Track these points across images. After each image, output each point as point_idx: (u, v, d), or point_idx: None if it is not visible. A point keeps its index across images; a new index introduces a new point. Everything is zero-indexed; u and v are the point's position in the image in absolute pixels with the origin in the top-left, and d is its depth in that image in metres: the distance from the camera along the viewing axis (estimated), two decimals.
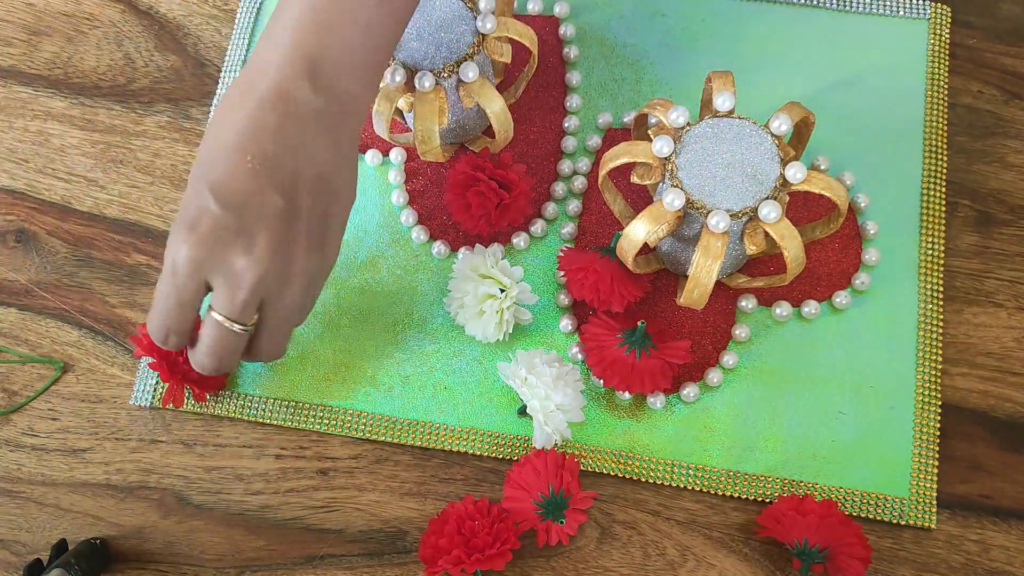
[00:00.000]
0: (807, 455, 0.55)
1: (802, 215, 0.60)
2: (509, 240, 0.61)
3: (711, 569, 0.54)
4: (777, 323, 0.58)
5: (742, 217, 0.49)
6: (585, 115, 0.64)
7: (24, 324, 0.61)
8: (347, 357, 0.59)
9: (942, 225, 0.60)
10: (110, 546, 0.56)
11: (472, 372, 0.58)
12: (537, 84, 0.64)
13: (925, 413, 0.56)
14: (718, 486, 0.55)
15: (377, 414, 0.58)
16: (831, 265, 0.59)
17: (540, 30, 0.65)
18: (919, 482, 0.55)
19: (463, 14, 0.55)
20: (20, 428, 0.59)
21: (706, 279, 0.49)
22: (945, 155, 0.61)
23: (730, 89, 0.51)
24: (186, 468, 0.58)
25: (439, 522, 0.52)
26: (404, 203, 0.62)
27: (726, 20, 0.66)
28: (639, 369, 0.53)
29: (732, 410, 0.57)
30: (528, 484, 0.52)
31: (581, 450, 0.56)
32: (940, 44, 0.64)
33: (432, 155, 0.56)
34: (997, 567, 0.54)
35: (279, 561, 0.55)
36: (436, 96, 0.54)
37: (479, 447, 0.56)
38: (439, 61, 0.54)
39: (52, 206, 0.64)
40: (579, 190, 0.62)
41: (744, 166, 0.50)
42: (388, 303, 0.60)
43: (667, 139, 0.50)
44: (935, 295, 0.58)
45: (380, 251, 0.61)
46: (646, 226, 0.50)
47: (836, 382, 0.57)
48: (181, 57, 0.68)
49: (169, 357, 0.54)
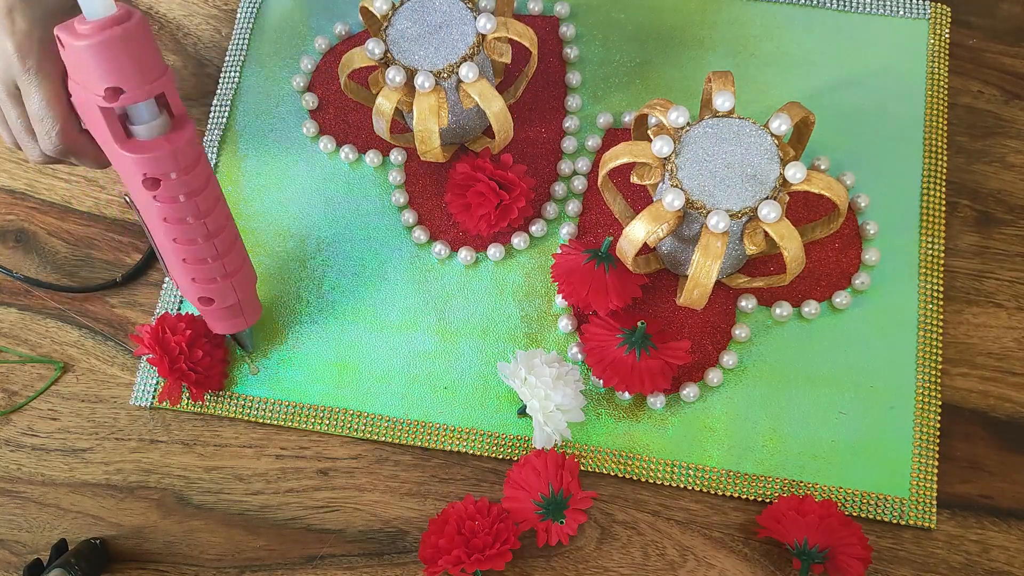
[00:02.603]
0: (807, 455, 0.55)
1: (802, 215, 0.60)
2: (509, 240, 0.61)
3: (711, 569, 0.54)
4: (777, 323, 0.58)
5: (742, 217, 0.49)
6: (585, 115, 0.64)
7: (24, 324, 0.61)
8: (346, 357, 0.59)
9: (942, 225, 0.60)
10: (110, 546, 0.56)
11: (472, 372, 0.58)
12: (537, 84, 0.64)
13: (925, 413, 0.56)
14: (718, 486, 0.55)
15: (377, 414, 0.58)
16: (831, 265, 0.59)
17: (540, 30, 0.65)
18: (919, 482, 0.55)
19: (463, 14, 0.55)
20: (20, 428, 0.59)
21: (706, 279, 0.49)
22: (945, 155, 0.61)
23: (730, 89, 0.51)
24: (186, 468, 0.58)
25: (439, 522, 0.52)
26: (404, 203, 0.62)
27: (727, 19, 0.66)
28: (639, 369, 0.53)
29: (732, 410, 0.57)
30: (528, 484, 0.52)
31: (581, 450, 0.56)
32: (940, 44, 0.64)
33: (432, 155, 0.56)
34: (997, 567, 0.54)
35: (279, 561, 0.55)
36: (436, 96, 0.54)
37: (479, 447, 0.56)
38: (439, 61, 0.54)
39: (52, 206, 0.64)
40: (579, 190, 0.62)
41: (744, 166, 0.50)
42: (388, 303, 0.60)
43: (667, 139, 0.50)
44: (935, 295, 0.58)
45: (380, 251, 0.61)
46: (646, 226, 0.50)
47: (836, 382, 0.57)
48: (181, 57, 0.68)
49: (171, 354, 0.54)
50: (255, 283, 0.56)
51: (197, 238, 0.50)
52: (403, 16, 0.55)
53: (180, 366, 0.55)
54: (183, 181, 0.48)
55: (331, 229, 0.62)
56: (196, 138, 0.48)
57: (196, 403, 0.58)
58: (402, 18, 0.55)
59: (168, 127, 0.47)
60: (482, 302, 0.60)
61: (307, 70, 0.66)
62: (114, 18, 0.43)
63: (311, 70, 0.66)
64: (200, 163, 0.49)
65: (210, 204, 0.50)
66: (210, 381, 0.57)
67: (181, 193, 0.48)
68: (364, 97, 0.61)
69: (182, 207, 0.48)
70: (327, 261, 0.61)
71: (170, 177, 0.47)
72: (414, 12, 0.55)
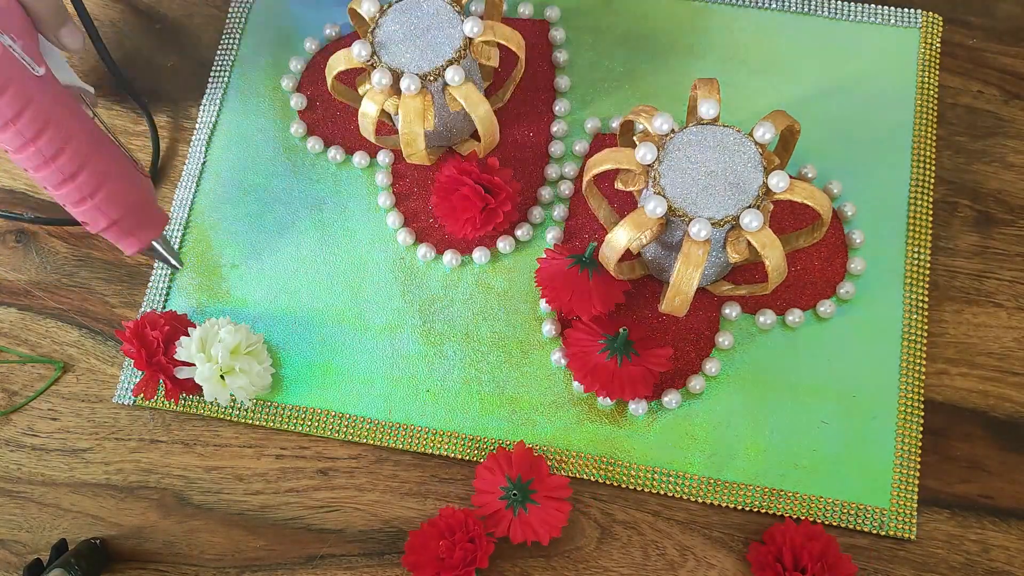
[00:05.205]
0: (788, 464, 0.55)
1: (788, 223, 0.60)
2: (495, 244, 0.60)
3: (711, 569, 0.54)
4: (761, 331, 0.58)
5: (724, 225, 0.49)
6: (573, 120, 0.64)
7: (24, 324, 0.61)
8: (329, 359, 0.59)
9: (928, 236, 0.60)
10: (110, 546, 0.56)
11: (455, 376, 0.58)
12: (526, 87, 0.64)
13: (907, 424, 0.56)
14: (699, 494, 0.55)
15: (359, 416, 0.58)
16: (816, 274, 0.59)
17: (530, 34, 0.65)
18: (900, 493, 0.54)
19: (450, 17, 0.55)
20: (20, 428, 0.59)
21: (687, 287, 0.49)
22: (933, 166, 0.61)
23: (715, 97, 0.51)
24: (186, 468, 0.58)
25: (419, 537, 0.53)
26: (390, 206, 0.62)
27: (718, 26, 0.66)
28: (620, 376, 0.53)
29: (714, 418, 0.57)
30: (488, 485, 0.53)
31: (562, 455, 0.56)
32: (931, 53, 0.64)
33: (417, 158, 0.56)
34: (997, 567, 0.54)
35: (279, 561, 0.56)
36: (422, 99, 0.54)
37: (459, 451, 0.56)
38: (425, 64, 0.54)
39: (53, 206, 0.64)
40: (565, 195, 0.62)
41: (727, 174, 0.50)
42: (372, 305, 0.60)
43: (650, 146, 0.50)
44: (920, 305, 0.58)
45: (365, 253, 0.61)
46: (628, 233, 0.50)
47: (819, 391, 0.57)
48: (181, 57, 0.68)
49: (148, 348, 0.54)
50: (143, 197, 0.54)
51: (36, 165, 0.49)
52: (391, 19, 0.55)
53: (158, 359, 0.55)
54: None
55: (317, 230, 0.62)
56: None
57: (171, 402, 0.58)
58: (390, 20, 0.55)
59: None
60: (466, 305, 0.60)
61: (296, 71, 0.66)
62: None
63: (301, 71, 0.66)
64: (8, 92, 0.46)
65: (37, 128, 0.48)
66: (189, 382, 0.56)
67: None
68: (351, 99, 0.61)
69: (6, 140, 0.47)
70: (312, 261, 0.61)
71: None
72: (402, 15, 0.55)
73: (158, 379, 0.55)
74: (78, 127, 0.50)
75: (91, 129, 0.51)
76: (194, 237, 0.62)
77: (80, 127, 0.50)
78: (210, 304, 0.61)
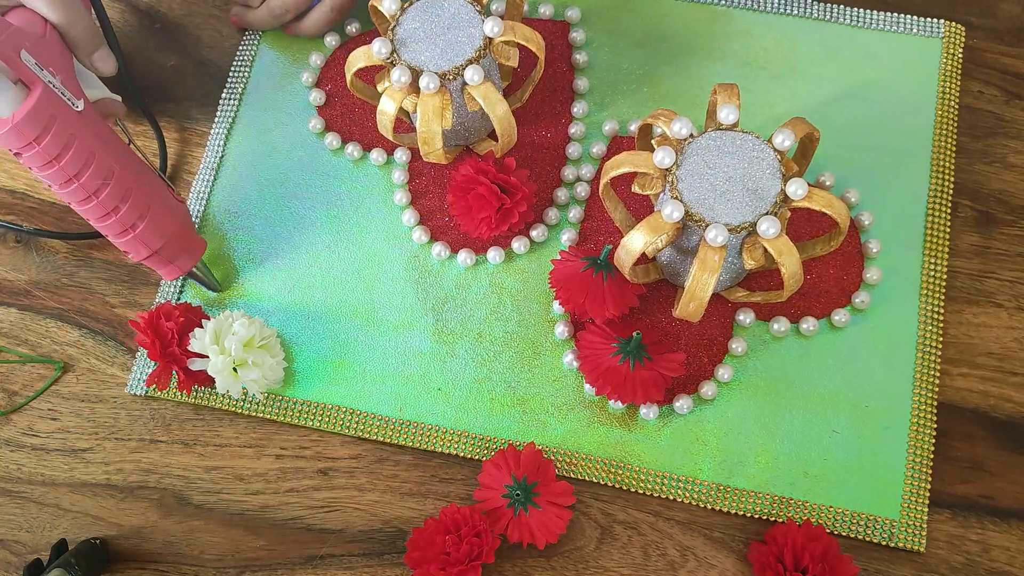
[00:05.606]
0: (798, 472, 0.55)
1: (805, 231, 0.59)
2: (509, 244, 0.60)
3: (711, 569, 0.54)
4: (775, 338, 0.58)
5: (741, 232, 0.49)
6: (591, 122, 0.64)
7: (24, 324, 0.61)
8: (342, 355, 0.59)
9: (946, 247, 0.59)
10: (110, 546, 0.56)
11: (466, 375, 0.58)
12: (545, 88, 0.64)
13: (920, 435, 0.55)
14: (708, 500, 0.55)
15: (370, 412, 0.58)
16: (831, 282, 0.58)
17: (550, 35, 0.65)
18: (910, 504, 0.54)
19: (471, 17, 0.55)
20: (20, 428, 0.59)
21: (702, 293, 0.49)
22: (952, 176, 0.61)
23: (734, 102, 0.51)
24: (186, 468, 0.58)
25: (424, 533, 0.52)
26: (406, 203, 0.62)
27: (739, 31, 0.65)
28: (632, 379, 0.53)
29: (725, 424, 0.56)
30: (493, 482, 0.53)
31: (572, 457, 0.56)
32: (953, 63, 0.64)
33: (434, 157, 0.56)
34: (997, 567, 0.53)
35: (279, 561, 0.56)
36: (440, 98, 0.54)
37: (469, 450, 0.56)
38: (445, 63, 0.54)
39: (52, 206, 0.64)
40: (582, 197, 0.62)
41: (745, 180, 0.50)
42: (386, 302, 0.60)
43: (669, 150, 0.50)
44: (936, 317, 0.58)
45: (380, 250, 0.61)
46: (644, 236, 0.50)
47: (831, 400, 0.56)
48: (181, 57, 0.68)
49: (163, 338, 0.55)
50: (181, 225, 0.56)
51: (78, 199, 0.50)
52: (412, 16, 0.55)
53: (172, 350, 0.55)
54: (36, 154, 0.47)
55: (333, 225, 0.62)
56: (44, 107, 0.47)
57: (183, 393, 0.58)
58: (411, 18, 0.55)
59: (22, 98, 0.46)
60: (480, 305, 0.60)
61: (316, 66, 0.66)
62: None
63: (320, 66, 0.66)
64: (52, 131, 0.47)
65: (78, 166, 0.49)
66: (201, 374, 0.57)
67: (36, 165, 0.48)
68: (370, 96, 0.61)
69: (50, 176, 0.49)
70: (327, 257, 0.61)
71: (26, 149, 0.47)
72: (423, 13, 0.55)
73: (171, 370, 0.56)
74: (117, 160, 0.52)
75: (130, 161, 0.52)
76: (210, 230, 0.63)
77: (119, 160, 0.52)
78: (224, 297, 0.61)
